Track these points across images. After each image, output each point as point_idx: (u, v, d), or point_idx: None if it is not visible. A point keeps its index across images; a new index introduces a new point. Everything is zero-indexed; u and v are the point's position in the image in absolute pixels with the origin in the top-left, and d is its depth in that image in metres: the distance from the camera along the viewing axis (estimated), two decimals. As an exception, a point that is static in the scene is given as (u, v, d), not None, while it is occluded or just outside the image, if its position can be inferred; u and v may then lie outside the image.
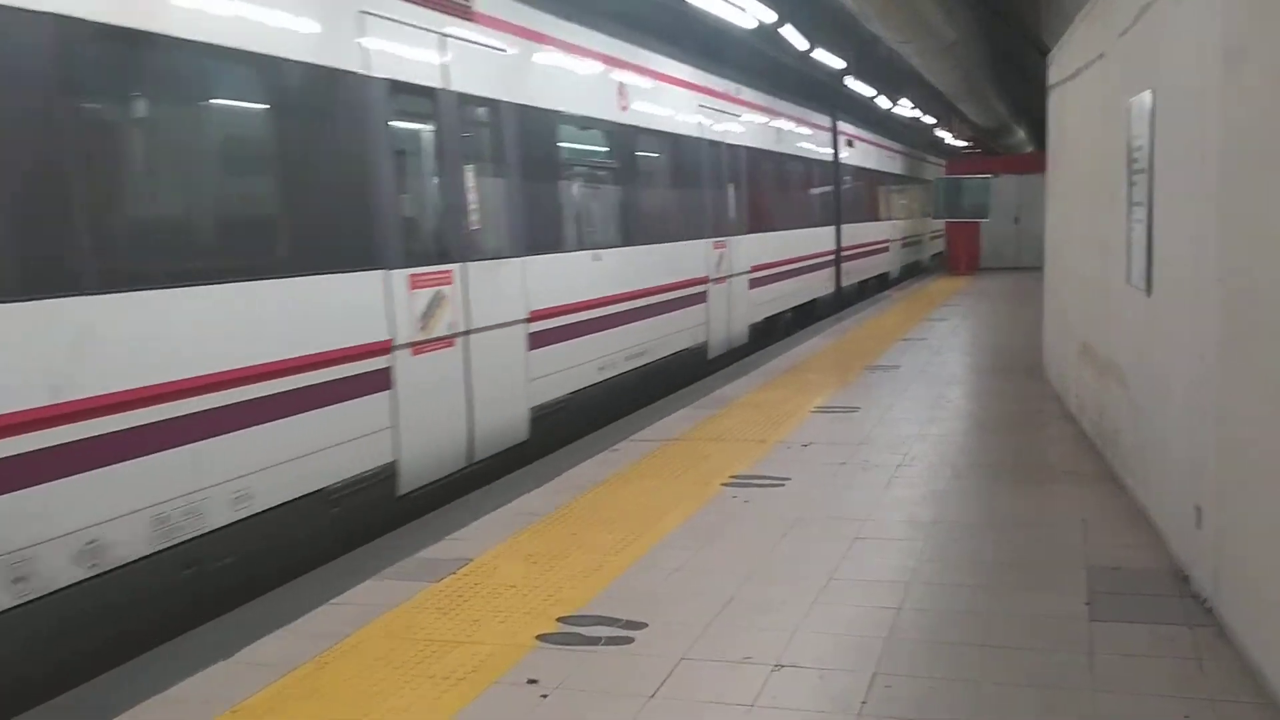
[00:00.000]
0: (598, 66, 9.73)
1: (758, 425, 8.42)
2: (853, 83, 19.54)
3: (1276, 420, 3.40)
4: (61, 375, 4.32)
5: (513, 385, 7.81)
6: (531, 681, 3.91)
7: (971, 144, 37.58)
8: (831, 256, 18.84)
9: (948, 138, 34.48)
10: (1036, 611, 4.31)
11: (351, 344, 6.03)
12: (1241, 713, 3.45)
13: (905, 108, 25.10)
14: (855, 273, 20.85)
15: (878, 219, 23.98)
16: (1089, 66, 7.56)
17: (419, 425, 6.58)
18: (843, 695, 3.65)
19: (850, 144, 20.91)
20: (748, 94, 14.30)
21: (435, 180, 7.14)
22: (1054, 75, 9.84)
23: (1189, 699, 3.54)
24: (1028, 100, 27.52)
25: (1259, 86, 3.66)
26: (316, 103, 5.96)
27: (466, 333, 7.13)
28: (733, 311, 13.07)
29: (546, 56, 8.76)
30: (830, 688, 3.72)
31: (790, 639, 4.16)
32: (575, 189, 9.37)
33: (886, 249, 24.99)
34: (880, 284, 23.77)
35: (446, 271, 6.94)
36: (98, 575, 4.46)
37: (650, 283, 10.53)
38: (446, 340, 6.90)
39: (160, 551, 4.77)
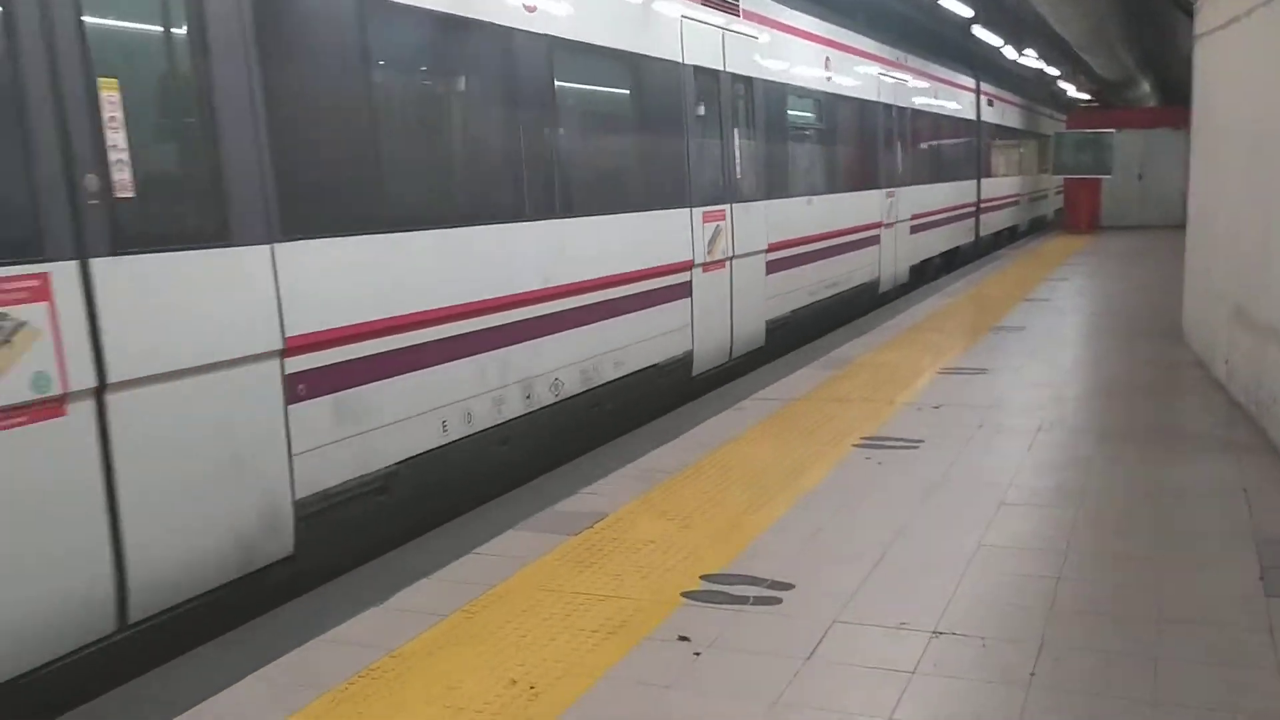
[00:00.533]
0: (810, 45, 11.53)
1: (883, 386, 8.26)
2: (981, 32, 18.98)
3: None
4: (548, 270, 6.57)
5: (757, 301, 9.89)
6: (683, 639, 3.89)
7: (1092, 98, 36.18)
8: (973, 208, 20.31)
9: (1070, 90, 33.18)
10: (1208, 585, 4.13)
11: (676, 260, 8.26)
12: None
13: (1030, 58, 24.28)
14: (992, 224, 22.19)
15: (1011, 174, 24.70)
16: (1251, 13, 7.12)
17: (705, 325, 8.76)
18: (1009, 666, 3.54)
19: (990, 103, 21.79)
20: (912, 61, 15.83)
21: (717, 139, 9.11)
22: (1202, 24, 9.31)
23: (1385, 684, 3.35)
24: (1156, 52, 26.33)
25: None
26: (662, 85, 8.15)
27: (732, 258, 9.23)
28: (899, 252, 14.94)
29: (778, 39, 10.54)
30: (995, 657, 3.62)
31: (946, 606, 4.05)
32: (795, 145, 11.25)
33: (1017, 203, 25.18)
34: (1011, 236, 23.94)
35: (723, 210, 9.05)
36: (558, 401, 6.77)
37: (844, 224, 12.46)
38: (721, 263, 9.02)
39: (582, 393, 7.06)
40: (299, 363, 4.69)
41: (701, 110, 8.80)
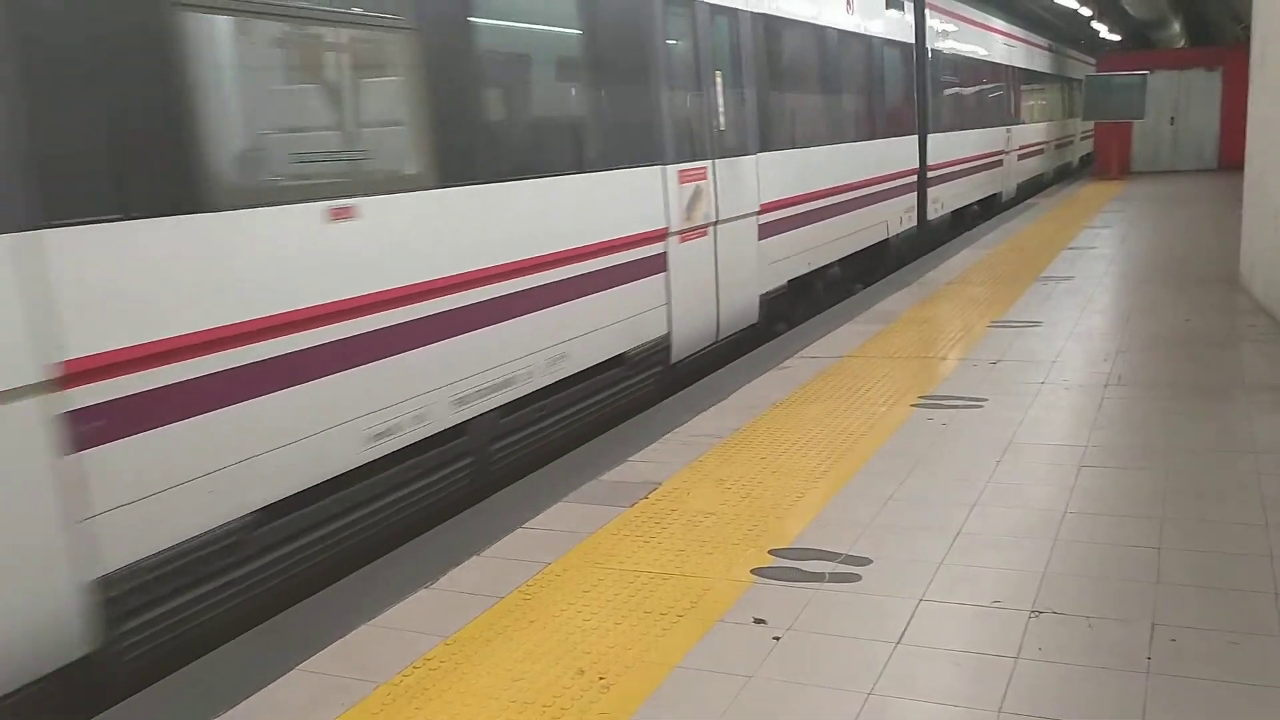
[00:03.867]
0: None
1: (934, 341, 7.92)
2: None
3: None
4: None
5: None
6: (759, 621, 3.61)
7: (1120, 40, 35.34)
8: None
9: (1103, 31, 32.36)
10: (1326, 555, 3.82)
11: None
12: None
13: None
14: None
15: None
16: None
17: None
18: (1122, 649, 3.24)
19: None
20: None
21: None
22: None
23: None
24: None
25: None
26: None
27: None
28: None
29: None
30: (1104, 640, 3.32)
31: (1040, 581, 3.75)
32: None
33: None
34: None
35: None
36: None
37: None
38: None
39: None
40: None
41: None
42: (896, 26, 12.62)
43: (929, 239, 13.93)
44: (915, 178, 13.33)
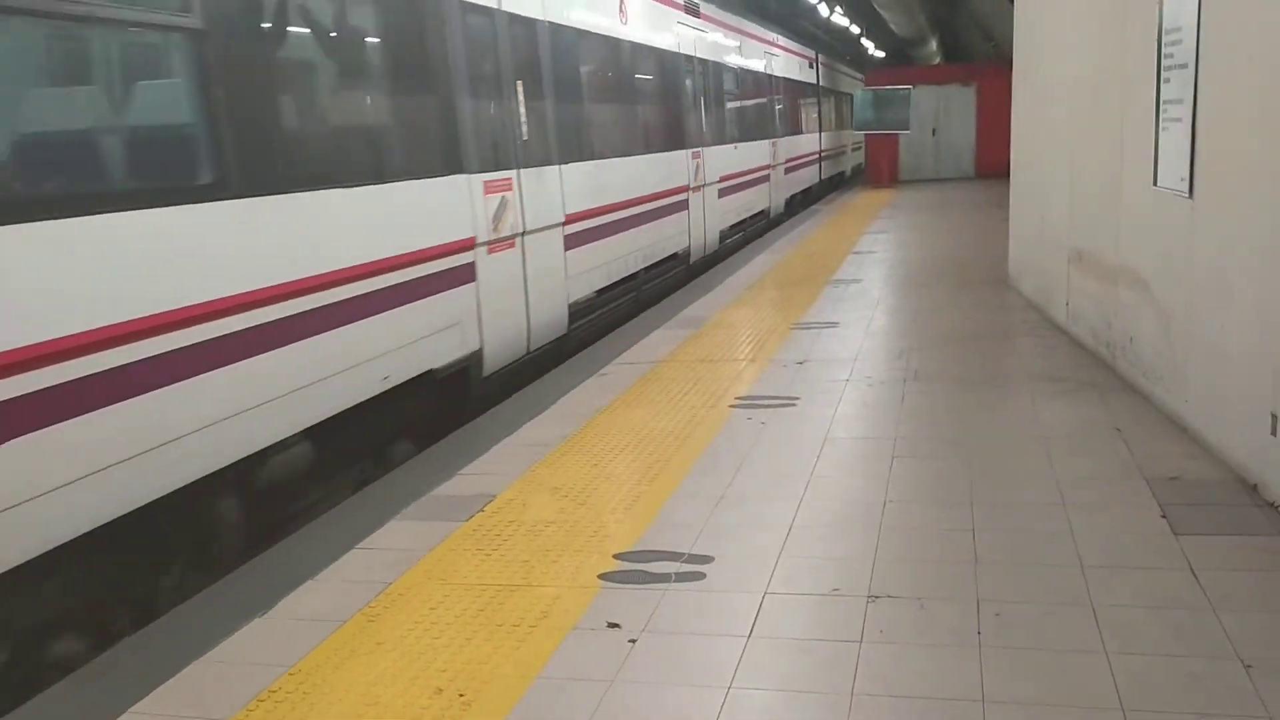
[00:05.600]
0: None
1: (742, 344, 8.20)
2: None
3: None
4: None
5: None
6: (613, 625, 3.65)
7: (884, 56, 37.56)
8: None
9: (870, 47, 34.35)
10: (1117, 527, 4.19)
11: None
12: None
13: (839, 15, 25.11)
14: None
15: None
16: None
17: None
18: (954, 626, 3.47)
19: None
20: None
21: None
22: (1022, -24, 9.61)
23: (1303, 611, 3.45)
24: (943, 13, 27.51)
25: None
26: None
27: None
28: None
29: None
30: (937, 618, 3.54)
31: (872, 567, 3.96)
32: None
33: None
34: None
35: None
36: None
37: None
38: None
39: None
40: None
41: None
42: (811, 75, 23.48)
43: (823, 191, 25.13)
44: (817, 155, 24.15)
